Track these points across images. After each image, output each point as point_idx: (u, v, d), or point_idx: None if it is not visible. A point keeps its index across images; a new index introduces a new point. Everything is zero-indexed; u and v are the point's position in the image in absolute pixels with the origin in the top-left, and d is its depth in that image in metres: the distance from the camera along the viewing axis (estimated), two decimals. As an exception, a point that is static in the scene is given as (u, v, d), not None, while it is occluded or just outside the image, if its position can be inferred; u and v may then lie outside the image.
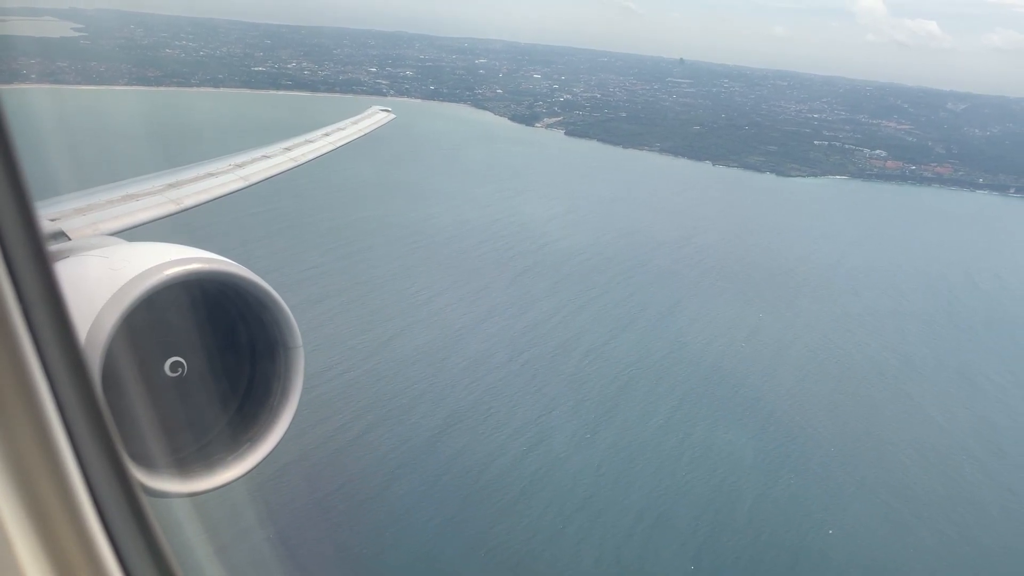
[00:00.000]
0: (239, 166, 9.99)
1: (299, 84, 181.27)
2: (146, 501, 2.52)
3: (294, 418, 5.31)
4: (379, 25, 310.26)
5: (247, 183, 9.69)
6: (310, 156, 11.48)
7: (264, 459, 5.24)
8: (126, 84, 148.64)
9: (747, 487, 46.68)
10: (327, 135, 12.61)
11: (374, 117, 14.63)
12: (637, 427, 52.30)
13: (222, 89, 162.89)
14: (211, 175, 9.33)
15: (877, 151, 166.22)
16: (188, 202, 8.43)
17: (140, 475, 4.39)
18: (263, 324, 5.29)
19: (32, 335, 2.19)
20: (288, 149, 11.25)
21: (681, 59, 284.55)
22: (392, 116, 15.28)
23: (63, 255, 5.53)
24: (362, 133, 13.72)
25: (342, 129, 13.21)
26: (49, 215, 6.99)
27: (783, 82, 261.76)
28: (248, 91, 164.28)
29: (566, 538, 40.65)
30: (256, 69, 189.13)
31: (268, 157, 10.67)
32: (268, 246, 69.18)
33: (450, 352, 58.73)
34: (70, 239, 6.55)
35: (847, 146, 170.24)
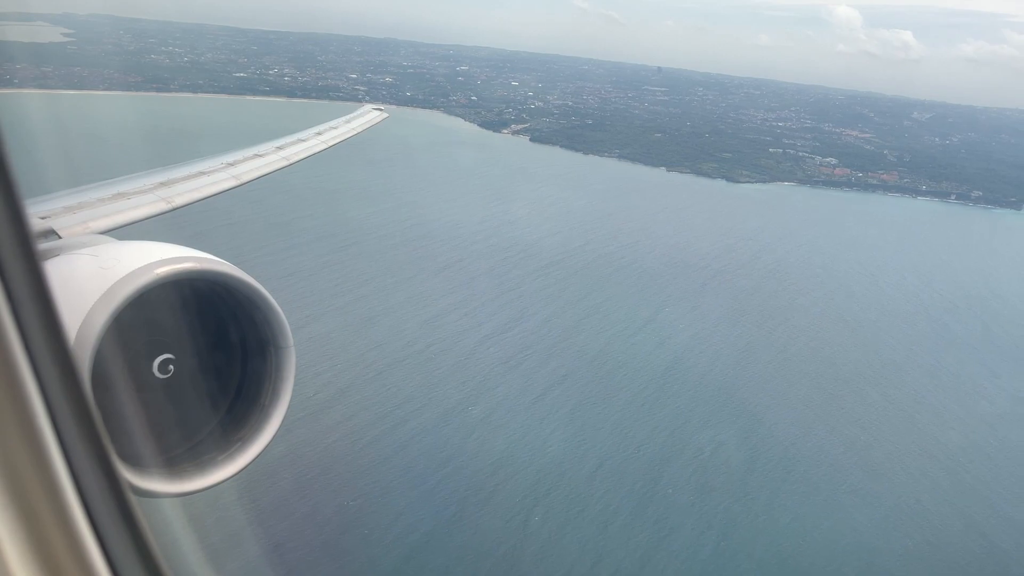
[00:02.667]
0: (230, 164, 9.95)
1: (277, 90, 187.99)
2: (135, 501, 2.53)
3: (285, 418, 5.34)
4: (370, 32, 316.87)
5: (239, 182, 9.67)
6: (302, 155, 11.48)
7: (255, 459, 5.26)
8: (106, 89, 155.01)
9: (595, 454, 53.42)
10: (320, 134, 12.56)
11: (367, 116, 14.58)
12: (513, 402, 59.03)
13: (200, 94, 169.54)
14: (202, 173, 9.31)
15: (828, 159, 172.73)
16: (179, 201, 8.42)
17: (129, 475, 4.39)
18: (254, 323, 5.29)
19: (21, 334, 2.17)
20: (280, 148, 11.24)
21: (659, 68, 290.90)
22: (385, 115, 15.30)
23: (52, 253, 5.50)
24: (354, 132, 13.64)
25: (335, 128, 13.18)
26: (39, 213, 6.96)
27: (757, 91, 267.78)
28: (225, 96, 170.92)
29: (420, 492, 47.24)
30: (237, 75, 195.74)
31: (260, 156, 10.67)
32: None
33: (358, 339, 65.64)
34: (60, 237, 6.56)
35: (801, 154, 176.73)
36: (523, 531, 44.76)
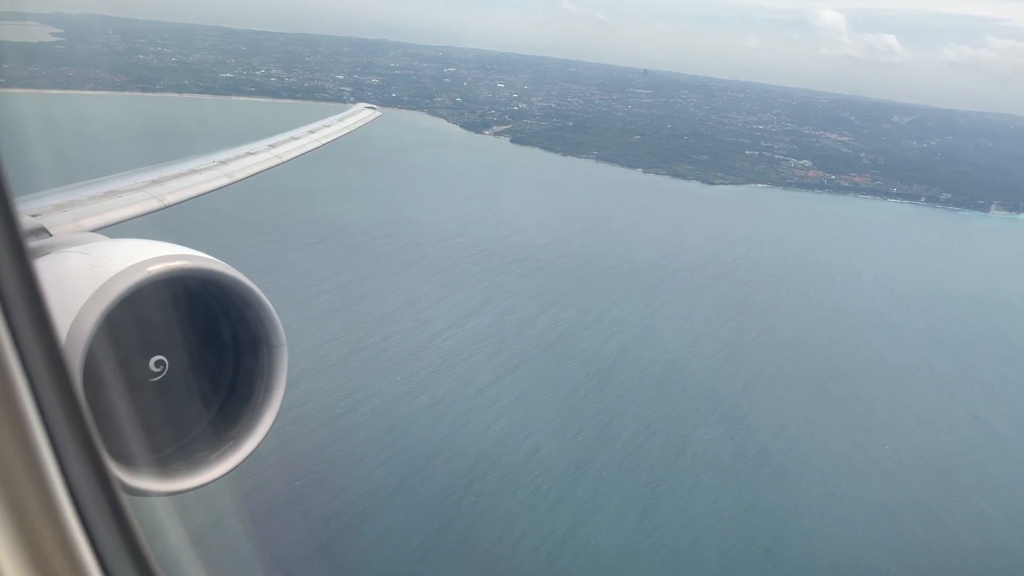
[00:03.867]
0: (223, 163, 9.96)
1: (262, 90, 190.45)
2: (126, 500, 2.53)
3: (277, 417, 5.39)
4: (362, 33, 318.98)
5: (231, 180, 9.67)
6: (295, 153, 11.54)
7: (247, 458, 5.33)
8: (92, 89, 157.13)
9: (535, 439, 56.35)
10: (312, 132, 12.58)
11: (360, 115, 14.58)
12: (462, 390, 61.93)
13: (185, 95, 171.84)
14: (194, 172, 9.32)
15: (803, 161, 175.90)
16: (171, 199, 8.42)
17: (121, 474, 4.40)
18: (246, 322, 5.32)
19: (11, 332, 2.16)
20: (273, 146, 11.29)
21: (645, 70, 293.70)
22: (378, 114, 15.31)
23: (43, 251, 5.50)
24: (347, 131, 13.64)
25: (327, 127, 13.20)
26: (30, 211, 6.95)
27: (740, 94, 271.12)
28: (210, 97, 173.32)
29: (359, 474, 49.96)
30: (223, 75, 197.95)
31: (252, 154, 10.70)
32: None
33: (316, 331, 68.40)
34: (51, 235, 6.55)
35: (777, 156, 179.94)
36: (455, 509, 47.61)
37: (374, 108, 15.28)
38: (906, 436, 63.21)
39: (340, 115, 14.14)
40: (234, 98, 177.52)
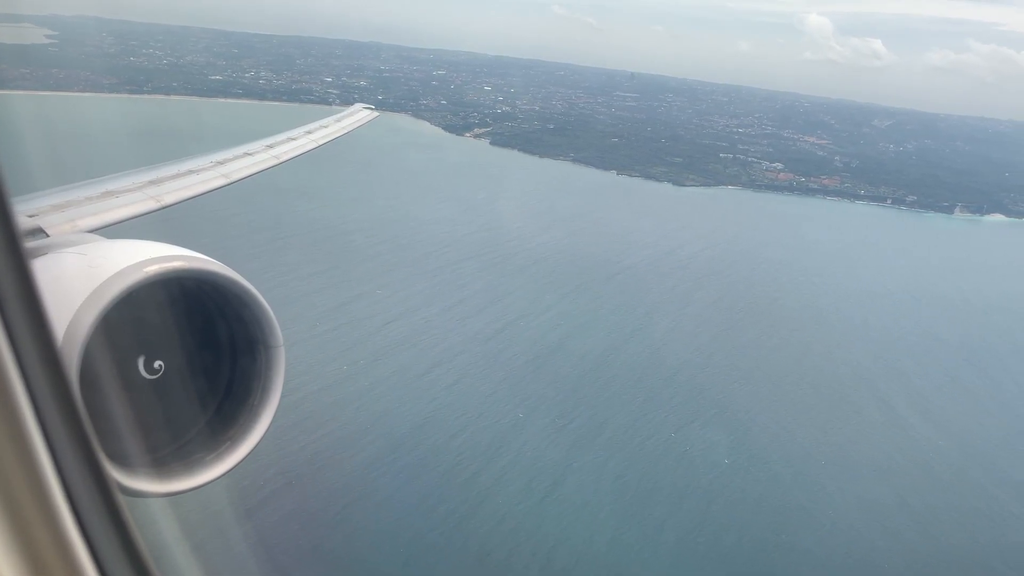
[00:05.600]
0: (220, 163, 10.00)
1: (249, 93, 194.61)
2: (123, 501, 2.52)
3: (274, 418, 5.44)
4: (356, 35, 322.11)
5: (228, 180, 9.73)
6: (292, 154, 11.59)
7: (244, 459, 5.34)
8: (80, 91, 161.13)
9: (461, 420, 60.48)
10: (310, 132, 12.64)
11: (357, 115, 14.65)
12: (398, 376, 66.08)
13: (172, 97, 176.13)
14: (192, 172, 9.38)
15: (775, 164, 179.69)
16: (168, 199, 8.45)
17: (117, 475, 4.40)
18: (243, 323, 5.35)
19: (8, 333, 2.14)
20: (270, 147, 11.34)
21: (632, 73, 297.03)
22: (376, 114, 15.47)
23: (40, 252, 5.51)
24: (345, 131, 13.74)
25: (325, 127, 13.32)
26: (26, 211, 6.96)
27: (725, 97, 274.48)
28: (196, 99, 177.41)
29: (283, 454, 53.64)
30: (213, 78, 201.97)
31: (250, 155, 10.76)
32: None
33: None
34: (48, 236, 6.57)
35: (750, 159, 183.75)
36: (374, 484, 51.69)
37: (372, 108, 15.51)
38: (821, 424, 67.12)
39: (337, 116, 14.37)
40: (221, 100, 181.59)
